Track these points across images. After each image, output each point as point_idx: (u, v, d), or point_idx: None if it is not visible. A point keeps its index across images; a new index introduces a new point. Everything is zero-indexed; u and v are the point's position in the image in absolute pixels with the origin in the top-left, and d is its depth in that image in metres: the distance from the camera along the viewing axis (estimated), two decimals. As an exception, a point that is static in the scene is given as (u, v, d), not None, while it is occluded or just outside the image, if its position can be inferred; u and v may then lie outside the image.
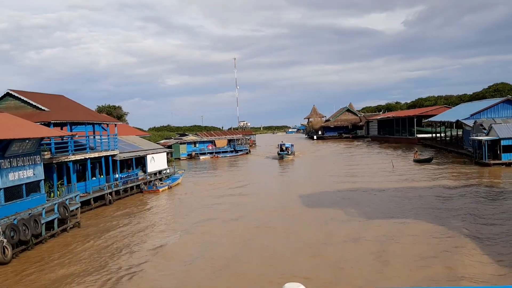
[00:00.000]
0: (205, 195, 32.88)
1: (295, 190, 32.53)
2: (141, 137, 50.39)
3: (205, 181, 41.87)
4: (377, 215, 22.57)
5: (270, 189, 33.89)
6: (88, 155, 28.14)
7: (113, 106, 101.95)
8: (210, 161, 68.17)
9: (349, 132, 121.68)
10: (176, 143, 73.99)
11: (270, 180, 39.63)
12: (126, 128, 54.54)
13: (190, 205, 29.31)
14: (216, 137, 79.43)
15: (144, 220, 25.13)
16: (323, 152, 72.57)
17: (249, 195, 31.48)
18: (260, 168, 51.94)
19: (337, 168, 45.59)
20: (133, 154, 35.23)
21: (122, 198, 32.84)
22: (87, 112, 30.57)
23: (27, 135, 18.90)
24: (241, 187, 35.88)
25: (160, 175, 39.88)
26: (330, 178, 37.41)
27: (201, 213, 25.91)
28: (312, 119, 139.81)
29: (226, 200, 29.97)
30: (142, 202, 31.51)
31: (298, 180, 38.58)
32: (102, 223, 24.96)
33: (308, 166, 51.28)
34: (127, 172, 36.13)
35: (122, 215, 27.14)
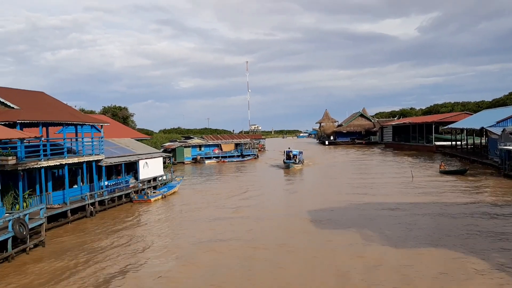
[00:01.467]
0: (202, 207, 29.02)
1: (302, 205, 28.56)
2: (138, 140, 46.86)
3: (205, 189, 38.06)
4: (401, 242, 18.52)
5: (274, 205, 29.42)
6: (65, 161, 24.52)
7: (119, 107, 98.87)
8: (215, 166, 64.41)
9: (362, 138, 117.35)
10: (180, 146, 70.40)
11: (275, 193, 34.84)
12: (123, 130, 51.07)
13: (185, 219, 25.48)
14: (223, 141, 75.69)
15: (129, 238, 21.28)
16: (335, 160, 66.68)
17: (251, 210, 27.47)
18: (265, 178, 45.60)
19: (350, 178, 41.25)
20: (123, 159, 31.57)
21: (108, 209, 29.18)
22: (67, 112, 26.98)
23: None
24: (243, 199, 31.94)
25: (154, 183, 36.19)
26: (343, 191, 33.17)
27: (198, 230, 21.97)
28: (324, 123, 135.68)
29: (224, 215, 26.07)
30: (129, 214, 27.78)
31: (306, 193, 33.69)
32: (76, 240, 21.25)
33: (318, 178, 43.66)
34: (116, 179, 32.50)
35: (103, 230, 23.43)
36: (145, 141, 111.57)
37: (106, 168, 31.44)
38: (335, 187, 35.57)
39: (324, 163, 61.83)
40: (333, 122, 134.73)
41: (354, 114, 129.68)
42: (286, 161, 54.92)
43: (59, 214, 24.31)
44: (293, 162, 54.08)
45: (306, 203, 28.67)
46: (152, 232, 22.58)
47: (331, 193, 32.67)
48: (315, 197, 30.91)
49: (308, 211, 25.83)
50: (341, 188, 35.01)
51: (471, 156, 52.83)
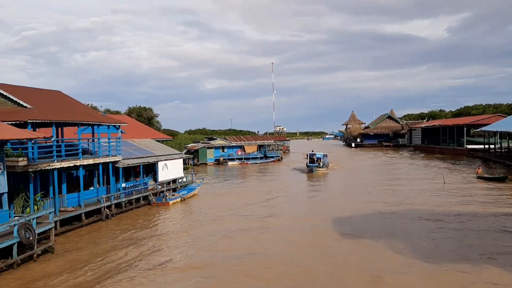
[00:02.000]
0: (221, 213, 27.64)
1: (326, 214, 26.98)
2: (160, 141, 46.05)
3: (226, 193, 36.83)
4: (441, 258, 16.81)
5: (297, 214, 27.07)
6: (80, 162, 23.64)
7: (144, 108, 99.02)
8: (238, 168, 63.23)
9: (389, 140, 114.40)
10: (203, 147, 69.54)
11: (298, 200, 31.98)
12: (145, 131, 50.39)
13: (204, 225, 24.08)
14: (246, 142, 74.48)
15: (145, 245, 20.14)
16: (361, 163, 63.22)
17: (273, 219, 25.70)
18: (287, 183, 42.98)
19: (378, 184, 38.85)
20: (141, 160, 30.63)
21: (125, 211, 28.26)
22: (83, 112, 26.14)
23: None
24: (264, 206, 30.35)
25: (174, 185, 35.17)
26: (370, 199, 31.16)
27: (215, 242, 20.37)
28: (351, 125, 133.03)
29: (244, 224, 24.45)
30: (146, 218, 26.76)
31: (330, 201, 31.01)
32: (88, 245, 20.29)
33: (343, 184, 40.74)
34: (134, 181, 31.58)
35: (117, 235, 22.43)
36: (169, 142, 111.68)
37: (124, 169, 30.54)
38: (362, 194, 33.53)
39: (350, 167, 58.79)
40: (360, 124, 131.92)
41: (382, 115, 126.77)
42: (309, 165, 51.56)
43: (73, 217, 23.45)
44: (316, 166, 50.81)
45: (330, 211, 26.91)
46: (169, 242, 21.24)
47: (357, 200, 30.73)
48: (340, 205, 29.07)
49: (332, 220, 24.22)
50: (368, 194, 33.11)
51: (505, 160, 50.12)
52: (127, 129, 46.63)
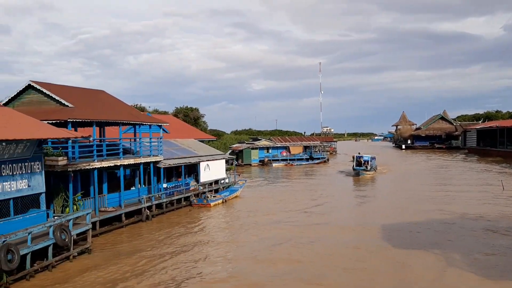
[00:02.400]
0: (263, 219, 26.58)
1: (374, 222, 25.53)
2: (204, 141, 45.75)
3: (269, 195, 35.86)
4: (497, 272, 15.12)
5: (343, 221, 25.46)
6: (120, 162, 23.40)
7: (190, 108, 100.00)
8: (282, 169, 62.15)
9: (442, 142, 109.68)
10: (248, 148, 68.97)
11: (344, 206, 29.94)
12: (190, 131, 50.30)
13: (247, 232, 22.95)
14: (291, 143, 73.26)
15: (184, 250, 19.46)
16: (412, 167, 59.94)
17: (321, 226, 24.02)
18: (332, 187, 40.49)
19: (430, 189, 36.43)
20: (182, 161, 30.21)
21: (166, 212, 27.88)
22: (125, 111, 25.95)
23: (5, 136, 14.16)
24: (308, 211, 29.10)
25: (216, 186, 34.59)
26: (422, 206, 28.82)
27: (261, 249, 19.31)
28: (401, 126, 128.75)
29: (287, 232, 23.33)
30: (187, 220, 26.22)
31: (378, 208, 28.83)
32: (125, 248, 19.88)
33: (393, 189, 37.93)
34: (176, 181, 31.23)
35: (156, 236, 21.99)
36: (214, 142, 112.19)
37: (166, 169, 30.25)
38: (414, 201, 31.21)
39: (400, 170, 55.54)
40: (411, 125, 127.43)
41: (434, 116, 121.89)
42: (355, 168, 48.92)
43: (113, 217, 23.24)
44: (363, 169, 48.10)
45: (381, 220, 25.09)
46: (209, 248, 20.59)
47: (409, 208, 28.60)
48: (389, 212, 27.19)
49: (386, 231, 22.72)
50: (420, 201, 30.99)
51: None
52: (171, 129, 46.68)
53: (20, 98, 22.71)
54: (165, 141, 33.40)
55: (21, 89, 22.41)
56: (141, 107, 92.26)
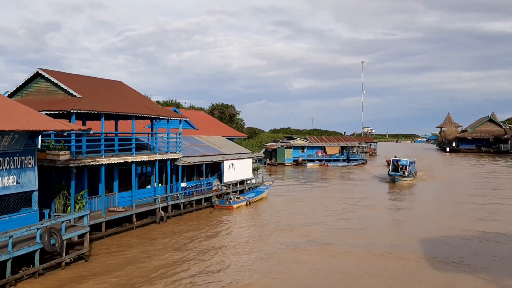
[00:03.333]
0: (291, 223, 24.26)
1: (410, 239, 22.63)
2: (232, 139, 43.71)
3: (298, 199, 33.31)
4: None
5: (376, 235, 22.19)
6: (132, 158, 21.55)
7: (226, 105, 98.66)
8: (317, 170, 59.34)
9: (490, 146, 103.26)
10: (282, 146, 66.48)
11: (378, 217, 26.00)
12: (220, 128, 48.37)
13: (270, 240, 20.67)
14: (327, 143, 70.20)
15: (199, 258, 17.39)
16: (458, 173, 53.29)
17: (350, 247, 21.92)
18: (365, 195, 34.80)
19: (478, 201, 31.51)
20: (204, 159, 28.15)
21: (184, 214, 25.94)
22: (141, 104, 24.09)
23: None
24: (338, 220, 26.68)
25: (242, 186, 32.39)
26: (468, 223, 24.44)
27: (285, 262, 16.91)
28: (446, 128, 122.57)
29: (314, 245, 21.09)
30: (206, 223, 24.15)
31: (416, 222, 24.23)
32: (130, 254, 17.96)
33: (433, 198, 33.43)
34: (197, 180, 29.25)
35: (170, 242, 19.99)
36: (250, 140, 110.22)
37: (186, 168, 28.35)
38: (458, 213, 27.23)
39: (443, 176, 49.73)
40: (456, 127, 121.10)
41: (482, 118, 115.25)
42: (391, 174, 43.43)
43: (123, 218, 21.44)
44: (400, 175, 42.63)
45: (416, 236, 22.26)
46: (227, 257, 18.37)
47: (452, 222, 24.63)
48: (428, 228, 23.51)
49: (419, 250, 19.89)
50: (466, 214, 26.88)
51: None
52: (201, 125, 44.91)
53: (28, 87, 21.23)
54: (188, 137, 31.53)
55: (29, 77, 20.90)
56: (176, 102, 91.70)
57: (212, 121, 50.99)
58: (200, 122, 46.80)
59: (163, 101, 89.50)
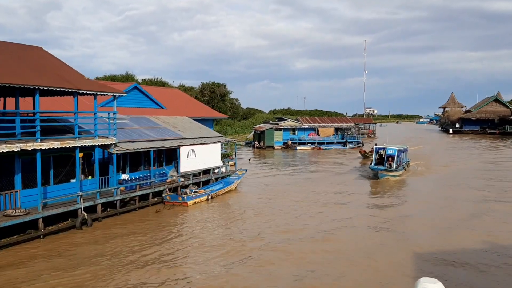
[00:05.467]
0: (255, 230, 19.29)
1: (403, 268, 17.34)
2: (207, 119, 38.49)
3: (273, 190, 28.25)
4: None
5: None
6: (36, 145, 16.31)
7: (217, 84, 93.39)
8: (308, 154, 54.09)
9: (495, 127, 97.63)
10: (270, 128, 61.14)
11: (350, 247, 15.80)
12: (194, 108, 43.03)
13: (224, 255, 15.88)
14: (320, 124, 64.75)
15: (109, 279, 12.51)
16: (462, 162, 42.96)
17: (332, 253, 17.00)
18: (335, 199, 25.00)
19: (499, 208, 22.58)
20: (152, 144, 22.86)
21: (123, 213, 20.87)
22: (58, 74, 18.66)
23: None
24: (323, 222, 21.63)
25: (206, 176, 27.23)
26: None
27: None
28: (449, 108, 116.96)
29: (289, 248, 16.10)
30: (145, 226, 19.10)
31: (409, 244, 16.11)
32: (21, 275, 13.01)
33: (431, 208, 22.78)
34: (146, 171, 24.10)
35: (83, 257, 15.00)
36: (244, 121, 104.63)
37: (131, 156, 23.19)
38: (470, 244, 16.41)
39: (444, 168, 39.14)
40: (460, 107, 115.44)
41: (487, 98, 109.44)
42: (373, 167, 32.42)
43: (25, 224, 16.34)
44: (385, 169, 31.54)
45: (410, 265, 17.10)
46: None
47: (460, 257, 14.90)
48: (425, 259, 18.29)
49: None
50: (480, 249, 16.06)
51: None
52: (173, 104, 39.64)
53: None
54: (138, 118, 26.31)
55: None
56: (162, 80, 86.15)
57: (189, 100, 45.65)
58: (173, 101, 41.54)
59: (148, 79, 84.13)
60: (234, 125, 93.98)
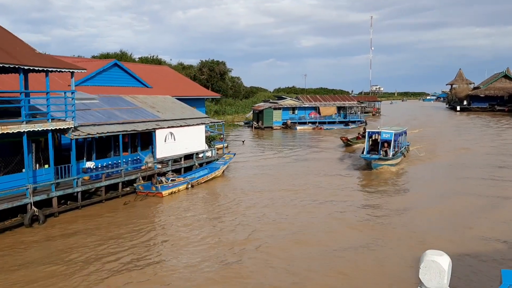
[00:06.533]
0: (244, 216, 16.94)
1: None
2: (198, 98, 35.85)
3: (268, 176, 25.76)
4: None
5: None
6: (-31, 132, 13.77)
7: (216, 62, 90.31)
8: (309, 134, 51.38)
9: (504, 104, 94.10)
10: (269, 108, 58.29)
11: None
12: (185, 86, 40.28)
13: (204, 252, 13.53)
14: (321, 103, 61.80)
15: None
16: (473, 145, 37.42)
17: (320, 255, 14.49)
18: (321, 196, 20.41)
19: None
20: (120, 128, 20.24)
21: (85, 206, 18.45)
22: (9, 47, 15.94)
23: None
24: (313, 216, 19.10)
25: (189, 161, 24.71)
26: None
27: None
28: (456, 85, 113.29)
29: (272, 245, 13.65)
30: (110, 222, 16.71)
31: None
32: None
33: (436, 203, 19.10)
34: (116, 157, 21.54)
35: (25, 262, 12.68)
36: (244, 101, 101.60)
37: (98, 141, 20.66)
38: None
39: (450, 153, 33.69)
40: (468, 84, 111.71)
41: (496, 74, 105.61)
42: (365, 156, 26.82)
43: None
44: (379, 158, 26.19)
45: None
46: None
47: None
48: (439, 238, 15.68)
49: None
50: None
51: None
52: (160, 83, 36.96)
53: None
54: (110, 97, 23.68)
55: None
56: (157, 58, 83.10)
57: (179, 79, 42.88)
58: (161, 80, 38.82)
59: (143, 57, 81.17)
60: (235, 104, 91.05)
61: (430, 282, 3.34)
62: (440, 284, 3.33)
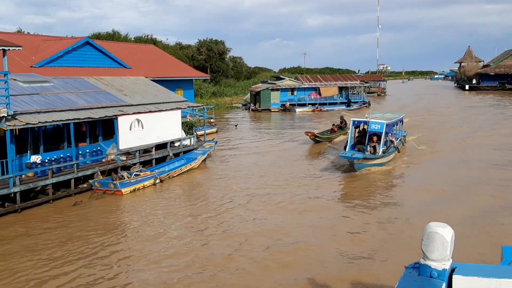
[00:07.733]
0: (220, 220, 14.18)
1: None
2: (186, 79, 32.88)
3: (254, 167, 22.89)
4: None
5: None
6: None
7: (215, 41, 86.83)
8: (308, 117, 48.31)
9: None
10: (267, 89, 55.03)
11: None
12: (170, 67, 37.24)
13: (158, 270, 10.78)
14: (322, 83, 58.37)
15: None
16: (486, 134, 31.53)
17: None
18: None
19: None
20: (70, 115, 17.30)
21: (26, 208, 15.68)
22: None
23: None
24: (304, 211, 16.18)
25: (161, 152, 21.82)
26: None
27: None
28: (465, 63, 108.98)
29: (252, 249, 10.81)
30: (57, 227, 13.98)
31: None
32: None
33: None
34: (69, 149, 18.67)
35: None
36: (245, 82, 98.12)
37: (47, 131, 17.81)
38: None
39: (457, 145, 27.51)
40: (477, 61, 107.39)
41: (507, 52, 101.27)
42: (344, 155, 20.31)
43: None
44: (365, 158, 20.22)
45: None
46: None
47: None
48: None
49: None
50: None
51: None
52: (139, 63, 34.00)
53: None
54: (68, 80, 20.75)
55: None
56: (152, 38, 79.59)
57: (166, 58, 39.84)
58: (143, 60, 35.88)
59: (136, 37, 77.76)
60: (235, 85, 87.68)
61: (433, 254, 3.14)
62: (443, 256, 3.14)
